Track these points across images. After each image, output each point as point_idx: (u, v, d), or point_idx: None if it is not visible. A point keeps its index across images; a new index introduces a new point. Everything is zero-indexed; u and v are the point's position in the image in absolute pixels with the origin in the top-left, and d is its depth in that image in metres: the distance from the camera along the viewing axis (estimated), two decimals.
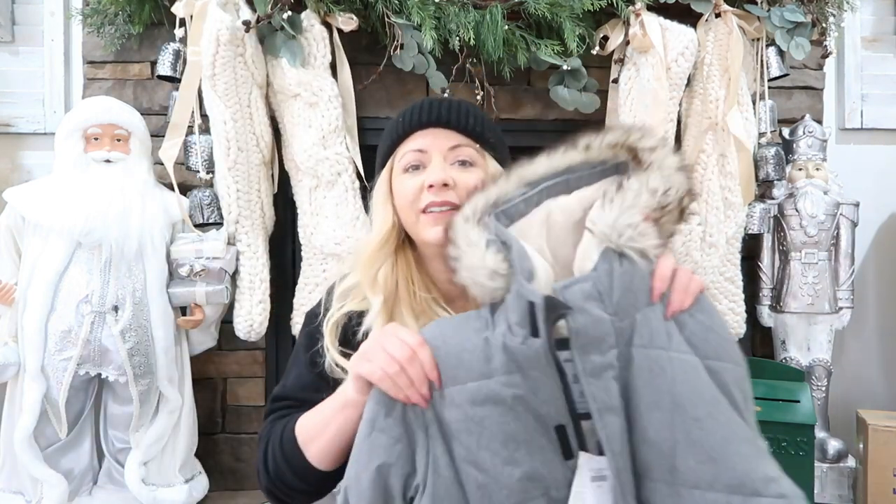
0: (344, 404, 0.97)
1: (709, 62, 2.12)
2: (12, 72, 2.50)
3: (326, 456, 1.00)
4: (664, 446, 0.83)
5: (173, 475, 2.08)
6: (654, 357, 0.85)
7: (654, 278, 0.88)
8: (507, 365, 0.86)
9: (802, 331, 2.35)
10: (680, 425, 0.83)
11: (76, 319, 1.93)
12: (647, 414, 0.84)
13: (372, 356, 0.91)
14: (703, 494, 0.82)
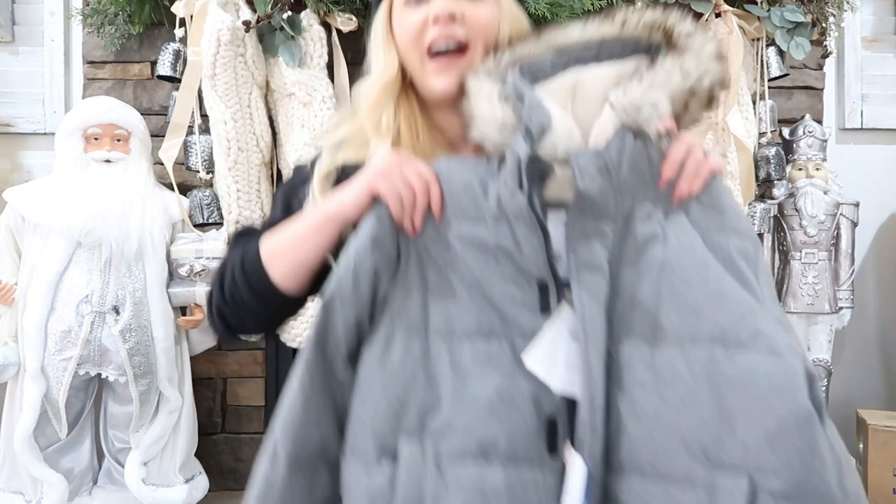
0: (325, 221, 0.92)
1: None
2: (12, 72, 2.50)
3: (293, 275, 0.94)
4: (649, 304, 0.82)
5: (173, 475, 2.08)
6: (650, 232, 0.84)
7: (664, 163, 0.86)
8: (497, 215, 0.88)
9: (802, 331, 2.35)
10: (667, 285, 0.81)
11: (76, 319, 1.93)
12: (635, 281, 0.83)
13: (391, 176, 0.89)
14: (684, 350, 0.79)
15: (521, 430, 0.81)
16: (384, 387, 0.85)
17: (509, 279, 0.86)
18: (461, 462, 0.81)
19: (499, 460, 0.81)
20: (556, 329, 0.84)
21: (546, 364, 0.83)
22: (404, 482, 0.81)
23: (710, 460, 0.75)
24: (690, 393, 0.77)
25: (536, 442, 0.81)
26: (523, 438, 0.81)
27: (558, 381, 0.82)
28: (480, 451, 0.81)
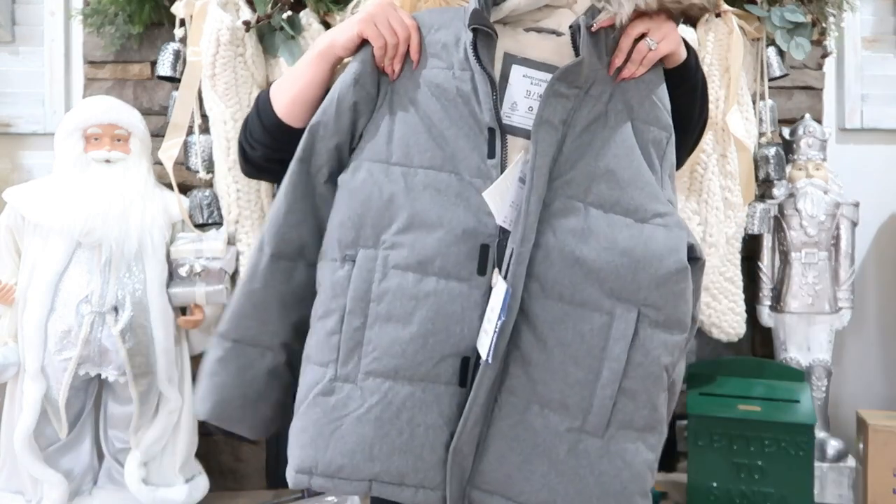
0: (317, 57, 1.08)
1: (709, 62, 2.12)
2: (12, 72, 2.50)
3: (291, 106, 1.09)
4: (586, 170, 1.01)
5: (173, 475, 2.08)
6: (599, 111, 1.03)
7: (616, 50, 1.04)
8: (463, 64, 1.04)
9: (802, 331, 2.35)
10: (602, 159, 1.01)
11: (76, 319, 1.93)
12: (580, 147, 1.02)
13: (379, 22, 1.03)
14: (608, 215, 1.01)
15: (455, 253, 0.99)
16: (348, 205, 1.03)
17: (464, 123, 1.02)
18: (403, 271, 0.99)
19: (433, 273, 0.99)
20: (510, 174, 1.00)
21: (497, 200, 0.98)
22: (357, 278, 1.01)
23: (614, 295, 0.99)
24: (609, 245, 0.99)
25: (468, 263, 0.99)
26: (456, 259, 0.99)
27: (503, 215, 0.99)
28: (419, 265, 0.99)
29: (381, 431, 0.99)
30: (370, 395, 0.99)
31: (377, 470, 0.99)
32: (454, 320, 0.98)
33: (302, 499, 2.24)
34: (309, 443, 1.02)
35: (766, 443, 2.08)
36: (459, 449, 0.99)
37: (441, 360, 0.99)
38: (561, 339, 0.99)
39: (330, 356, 1.02)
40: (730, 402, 2.15)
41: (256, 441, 1.15)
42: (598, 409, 0.99)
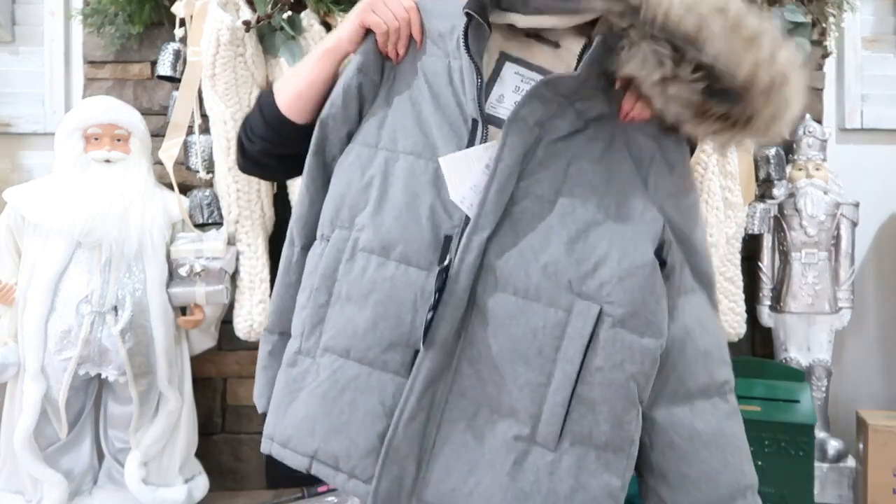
0: (325, 53, 1.09)
1: None
2: (12, 72, 2.50)
3: (295, 102, 1.10)
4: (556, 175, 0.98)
5: (173, 475, 2.08)
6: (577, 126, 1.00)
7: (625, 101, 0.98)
8: (455, 52, 1.03)
9: (802, 331, 2.35)
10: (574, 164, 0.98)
11: (76, 319, 1.93)
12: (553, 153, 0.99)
13: (378, 10, 1.05)
14: (573, 212, 0.97)
15: (418, 241, 0.97)
16: (336, 184, 1.05)
17: (450, 111, 1.02)
18: (368, 254, 0.99)
19: (395, 259, 0.98)
20: (477, 155, 0.98)
21: (455, 174, 0.97)
22: (327, 257, 1.02)
23: (573, 291, 0.93)
24: (571, 239, 0.95)
25: (430, 252, 0.97)
26: (418, 247, 0.97)
27: (460, 194, 0.96)
28: (382, 249, 0.98)
29: (325, 409, 0.99)
30: (323, 371, 1.00)
31: (316, 447, 0.99)
32: (406, 308, 0.96)
33: (302, 499, 2.24)
34: (273, 410, 1.05)
35: (766, 443, 2.08)
36: (396, 446, 0.94)
37: (389, 348, 0.96)
38: (512, 335, 0.93)
39: (298, 329, 1.05)
40: None
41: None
42: (549, 417, 0.91)
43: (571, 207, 0.96)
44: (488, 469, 0.93)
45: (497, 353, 0.94)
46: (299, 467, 1.01)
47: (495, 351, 0.94)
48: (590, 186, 0.97)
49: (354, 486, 0.96)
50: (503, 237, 0.96)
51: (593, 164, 0.99)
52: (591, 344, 0.91)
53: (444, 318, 0.93)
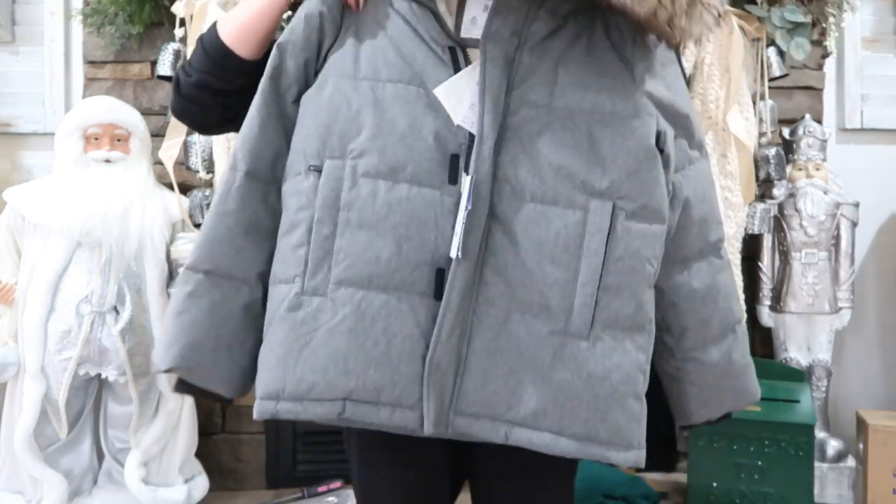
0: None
1: (709, 62, 2.12)
2: (12, 72, 2.50)
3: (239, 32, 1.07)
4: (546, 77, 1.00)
5: (173, 475, 2.08)
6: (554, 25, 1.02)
7: None
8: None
9: (802, 331, 2.35)
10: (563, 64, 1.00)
11: (76, 319, 1.93)
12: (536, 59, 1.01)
13: None
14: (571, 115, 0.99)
15: (426, 160, 0.97)
16: (315, 118, 1.01)
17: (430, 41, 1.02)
18: (373, 179, 0.97)
19: (405, 181, 0.96)
20: (467, 76, 1.00)
21: (452, 99, 0.98)
22: (324, 187, 0.97)
23: (586, 190, 0.97)
24: (576, 141, 0.98)
25: (440, 171, 0.97)
26: (427, 167, 0.97)
27: (461, 116, 0.98)
28: (390, 172, 0.96)
29: (356, 342, 0.94)
30: (342, 306, 0.95)
31: (352, 385, 0.94)
32: (428, 227, 0.96)
33: (302, 499, 2.24)
34: (276, 363, 0.96)
35: (766, 443, 2.08)
36: (437, 362, 0.94)
37: (416, 268, 0.95)
38: (536, 239, 0.96)
39: (297, 269, 0.97)
40: None
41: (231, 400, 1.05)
42: (581, 309, 0.96)
43: (569, 111, 0.99)
44: (528, 366, 0.96)
45: (524, 258, 0.96)
46: (326, 416, 0.95)
47: (522, 256, 0.96)
48: (582, 87, 1.00)
49: (401, 416, 0.95)
50: (511, 148, 0.98)
51: (579, 62, 1.00)
52: (609, 237, 0.97)
53: (472, 231, 0.95)
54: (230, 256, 1.02)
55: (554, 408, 0.96)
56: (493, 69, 0.98)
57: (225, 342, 1.01)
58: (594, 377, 0.96)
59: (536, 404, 0.96)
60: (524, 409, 0.96)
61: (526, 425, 0.96)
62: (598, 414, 0.96)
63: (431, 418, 0.95)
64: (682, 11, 0.97)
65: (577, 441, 0.96)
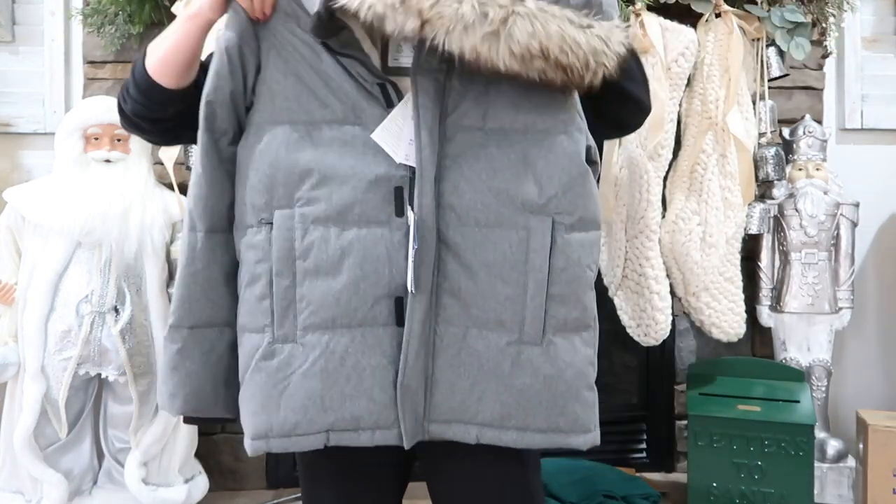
0: (188, 19, 1.09)
1: (709, 62, 2.12)
2: (12, 72, 2.49)
3: (161, 66, 1.10)
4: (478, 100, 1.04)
5: (173, 475, 2.08)
6: None
7: None
8: None
9: (802, 331, 2.35)
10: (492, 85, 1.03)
11: (76, 319, 1.93)
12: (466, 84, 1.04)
13: None
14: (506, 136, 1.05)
15: (371, 198, 1.02)
16: (257, 169, 1.04)
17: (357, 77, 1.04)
18: (324, 225, 1.01)
19: (354, 223, 1.01)
20: (400, 113, 1.03)
21: (391, 139, 1.02)
22: (278, 238, 1.02)
23: (526, 209, 1.03)
24: (512, 163, 1.03)
25: (385, 206, 1.02)
26: (373, 204, 1.02)
27: (402, 155, 1.02)
28: (339, 215, 1.01)
29: (329, 381, 1.01)
30: (312, 350, 1.02)
31: (332, 420, 1.02)
32: (381, 263, 1.01)
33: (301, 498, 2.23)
34: (260, 408, 1.04)
35: (766, 443, 2.08)
36: (407, 385, 1.02)
37: (375, 303, 1.02)
38: (485, 261, 1.02)
39: (264, 320, 1.04)
40: (730, 402, 2.15)
41: (235, 419, 1.13)
42: (532, 319, 1.03)
43: (503, 132, 1.04)
44: (490, 376, 1.04)
45: (475, 279, 1.03)
46: (314, 445, 1.03)
47: (473, 278, 1.03)
48: (513, 107, 1.04)
49: (382, 436, 1.03)
50: (451, 176, 1.03)
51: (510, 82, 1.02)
52: (551, 251, 1.04)
53: (423, 263, 1.00)
54: (209, 310, 1.10)
55: (517, 410, 1.04)
56: (426, 101, 1.01)
57: (222, 379, 1.11)
58: (550, 378, 1.05)
59: (501, 409, 1.04)
60: (491, 413, 1.04)
61: (493, 426, 1.05)
62: (557, 409, 1.05)
63: (409, 434, 1.03)
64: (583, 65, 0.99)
65: (541, 433, 1.05)
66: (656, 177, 2.09)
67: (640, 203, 2.09)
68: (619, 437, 2.52)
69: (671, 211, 2.14)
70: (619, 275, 2.16)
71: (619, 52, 1.02)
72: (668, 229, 2.12)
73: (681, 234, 2.10)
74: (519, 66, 0.96)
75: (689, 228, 2.11)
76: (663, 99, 2.05)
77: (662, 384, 2.52)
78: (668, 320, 2.11)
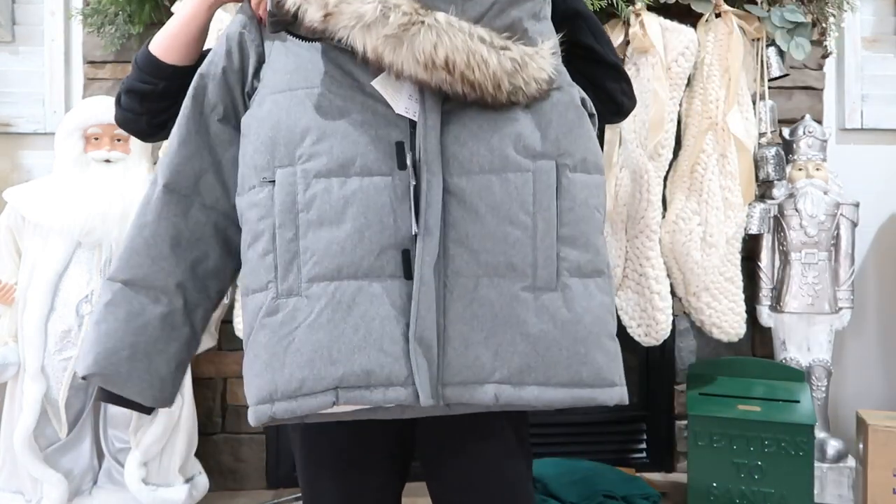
0: (198, 3, 1.16)
1: (709, 62, 2.12)
2: (12, 72, 2.50)
3: (166, 42, 1.16)
4: None
5: (173, 475, 2.08)
6: None
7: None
8: None
9: (802, 331, 2.35)
10: None
11: (76, 319, 1.93)
12: None
13: None
14: None
15: (373, 151, 1.01)
16: (258, 134, 1.05)
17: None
18: (325, 178, 1.01)
19: (356, 174, 1.01)
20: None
21: (390, 90, 1.02)
22: (280, 194, 1.01)
23: (529, 154, 1.03)
24: (511, 115, 1.03)
25: (387, 160, 1.01)
26: (375, 157, 1.01)
27: (402, 106, 1.02)
28: (340, 168, 1.01)
29: (337, 332, 0.97)
30: (318, 300, 0.98)
31: (341, 373, 0.97)
32: (385, 212, 1.00)
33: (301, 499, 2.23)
34: (263, 368, 1.00)
35: (766, 443, 2.08)
36: (420, 335, 0.98)
37: (381, 253, 0.99)
38: (491, 205, 1.01)
39: (268, 276, 1.01)
40: (730, 402, 2.15)
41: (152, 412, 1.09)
42: (544, 262, 1.01)
43: None
44: (505, 326, 1.00)
45: (483, 225, 1.01)
46: (321, 406, 0.98)
47: (480, 223, 1.01)
48: None
49: (395, 394, 0.98)
50: (452, 128, 1.02)
51: None
52: (558, 191, 1.04)
53: (431, 206, 0.99)
54: (147, 267, 1.07)
55: (537, 360, 1.00)
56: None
57: (143, 350, 1.06)
58: (569, 323, 1.01)
59: (520, 361, 1.00)
60: (509, 367, 1.00)
61: (512, 383, 1.00)
62: (579, 357, 1.01)
63: (427, 391, 0.98)
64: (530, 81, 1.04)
65: (563, 388, 1.00)
66: (656, 177, 2.09)
67: (641, 203, 2.09)
68: (619, 437, 2.52)
69: (671, 211, 2.14)
70: (619, 275, 2.16)
71: (537, 78, 1.03)
72: (669, 229, 2.12)
73: (681, 233, 2.11)
74: (423, 74, 0.97)
75: (689, 228, 2.11)
76: (663, 99, 2.05)
77: (662, 384, 2.52)
78: (669, 320, 2.11)
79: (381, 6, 0.96)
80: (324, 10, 0.98)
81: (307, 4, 0.99)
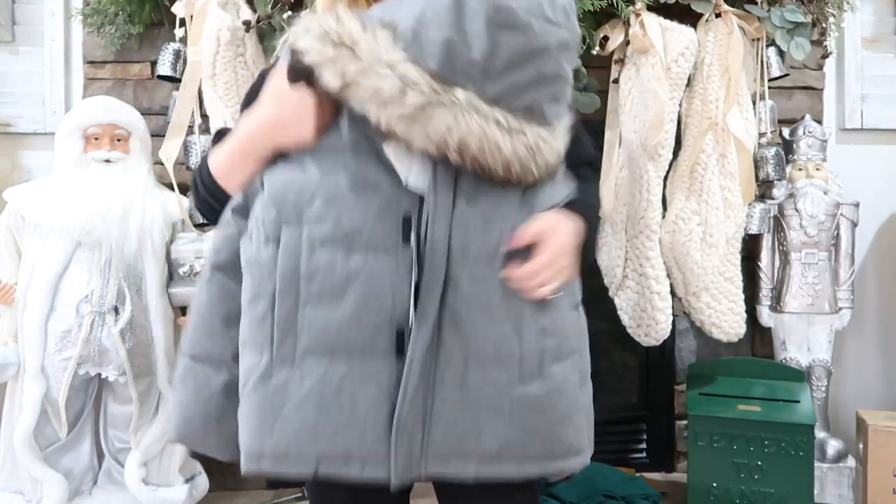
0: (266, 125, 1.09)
1: (709, 62, 2.12)
2: (12, 72, 2.49)
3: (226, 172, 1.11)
4: None
5: (173, 475, 2.08)
6: None
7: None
8: None
9: (802, 331, 2.35)
10: None
11: (76, 319, 1.93)
12: None
13: None
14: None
15: (380, 224, 1.00)
16: (268, 190, 1.06)
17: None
18: (330, 247, 1.00)
19: (360, 248, 1.00)
20: None
21: (403, 159, 1.01)
22: (284, 257, 1.02)
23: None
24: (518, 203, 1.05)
25: (393, 234, 1.00)
26: (381, 230, 1.00)
27: (413, 178, 1.01)
28: (346, 238, 1.00)
29: (323, 411, 0.99)
30: (309, 377, 1.00)
31: (322, 449, 0.99)
32: (385, 292, 1.00)
33: (302, 499, 2.24)
34: (254, 429, 1.03)
35: (766, 443, 2.08)
36: (404, 421, 0.99)
37: (376, 333, 1.00)
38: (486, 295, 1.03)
39: (264, 340, 1.03)
40: (730, 402, 2.15)
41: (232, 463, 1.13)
42: (529, 354, 1.04)
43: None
44: (490, 412, 1.02)
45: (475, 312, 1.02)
46: (302, 475, 1.01)
47: (472, 310, 1.02)
48: None
49: (371, 472, 1.00)
50: (459, 211, 1.02)
51: None
52: None
53: (429, 292, 0.99)
54: (206, 343, 1.11)
55: (516, 442, 1.03)
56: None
57: (213, 417, 1.10)
58: (549, 409, 1.05)
59: (501, 443, 1.02)
60: (489, 447, 1.02)
61: (491, 459, 1.03)
62: (554, 436, 1.05)
63: (399, 473, 1.00)
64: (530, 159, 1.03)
65: (538, 461, 1.05)
66: (656, 177, 2.09)
67: (641, 203, 2.09)
68: (619, 437, 2.52)
69: (671, 211, 2.14)
70: (619, 275, 2.16)
71: (548, 162, 1.04)
72: (669, 229, 2.12)
73: (681, 234, 2.11)
74: (434, 152, 0.97)
75: (689, 228, 2.11)
76: (663, 99, 2.05)
77: (662, 384, 2.52)
78: (669, 320, 2.11)
79: (399, 83, 0.95)
80: (341, 79, 0.97)
81: (323, 68, 0.98)
